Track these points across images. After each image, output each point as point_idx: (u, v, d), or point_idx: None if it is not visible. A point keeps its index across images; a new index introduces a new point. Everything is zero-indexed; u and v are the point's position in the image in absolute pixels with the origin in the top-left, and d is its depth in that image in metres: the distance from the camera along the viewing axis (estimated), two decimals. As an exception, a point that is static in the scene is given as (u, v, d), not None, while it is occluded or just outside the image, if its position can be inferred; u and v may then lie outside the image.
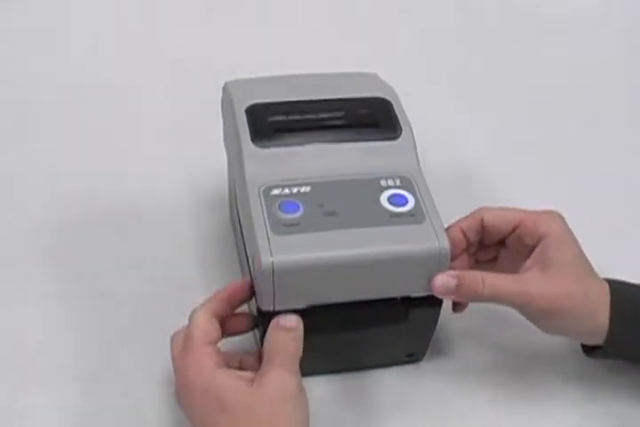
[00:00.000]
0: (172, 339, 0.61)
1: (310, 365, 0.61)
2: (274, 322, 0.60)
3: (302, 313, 0.61)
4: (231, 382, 0.56)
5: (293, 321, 0.59)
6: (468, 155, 0.92)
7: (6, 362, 0.69)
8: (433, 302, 0.63)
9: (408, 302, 0.63)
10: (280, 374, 0.57)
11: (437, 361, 0.70)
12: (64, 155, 0.89)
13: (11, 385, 0.67)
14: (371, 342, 0.66)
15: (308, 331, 0.60)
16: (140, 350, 0.70)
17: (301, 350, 0.59)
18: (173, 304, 0.71)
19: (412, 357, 0.69)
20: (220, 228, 0.80)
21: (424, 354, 0.69)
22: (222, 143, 0.73)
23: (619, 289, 0.63)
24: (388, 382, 0.69)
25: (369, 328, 0.65)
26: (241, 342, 0.67)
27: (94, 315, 0.73)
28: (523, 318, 0.63)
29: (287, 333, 0.59)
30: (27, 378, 0.68)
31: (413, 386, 0.68)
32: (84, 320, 0.72)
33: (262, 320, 0.61)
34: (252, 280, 0.62)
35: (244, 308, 0.65)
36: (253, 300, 0.64)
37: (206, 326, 0.60)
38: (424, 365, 0.70)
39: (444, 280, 0.60)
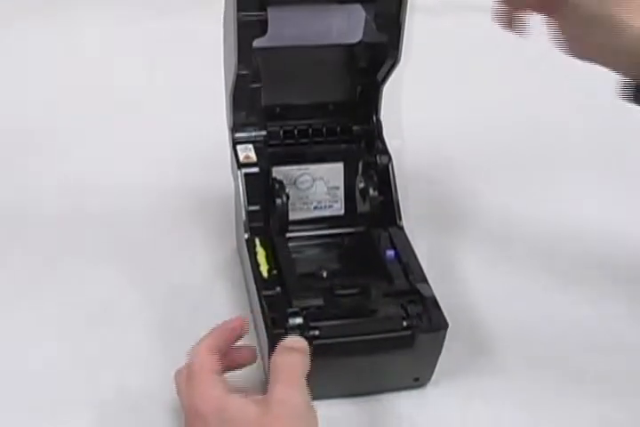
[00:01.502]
0: (176, 375, 0.62)
1: (316, 390, 0.62)
2: (280, 344, 0.60)
3: (310, 339, 0.62)
4: (241, 406, 0.57)
5: (300, 342, 0.61)
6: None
7: (16, 390, 0.69)
8: (439, 326, 0.65)
9: (414, 327, 0.64)
10: (287, 392, 0.57)
11: (442, 385, 0.70)
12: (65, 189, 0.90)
13: (21, 413, 0.67)
14: (377, 367, 0.67)
15: (315, 356, 0.61)
16: (148, 377, 0.70)
17: (308, 366, 0.59)
18: (180, 331, 0.72)
19: (418, 381, 0.69)
20: (227, 256, 0.81)
21: (429, 378, 0.70)
22: (230, 170, 0.75)
23: None
24: (393, 406, 0.69)
25: (375, 354, 0.65)
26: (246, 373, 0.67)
27: (102, 340, 0.73)
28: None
29: (292, 350, 0.60)
30: (36, 406, 0.68)
31: (418, 410, 0.69)
32: (92, 345, 0.72)
33: (272, 341, 0.62)
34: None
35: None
36: (262, 326, 0.65)
37: (206, 356, 0.60)
38: (429, 389, 0.70)
39: None
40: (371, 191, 0.73)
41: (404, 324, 0.65)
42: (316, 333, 0.63)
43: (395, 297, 0.67)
